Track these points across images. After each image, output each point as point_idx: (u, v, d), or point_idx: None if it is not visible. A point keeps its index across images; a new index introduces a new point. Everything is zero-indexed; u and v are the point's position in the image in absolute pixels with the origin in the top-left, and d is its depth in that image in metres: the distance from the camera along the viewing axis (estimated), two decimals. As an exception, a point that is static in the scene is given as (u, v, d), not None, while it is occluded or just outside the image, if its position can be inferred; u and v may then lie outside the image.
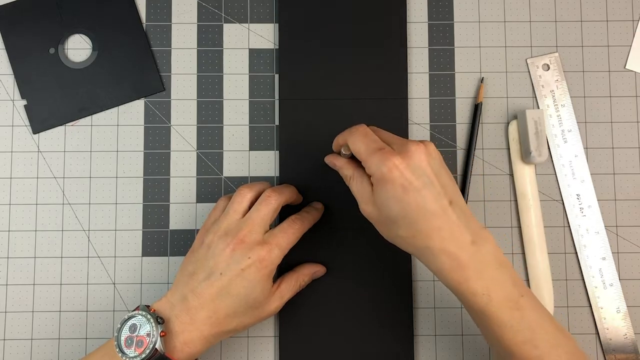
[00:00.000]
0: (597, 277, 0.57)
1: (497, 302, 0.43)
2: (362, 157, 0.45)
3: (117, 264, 0.57)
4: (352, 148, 0.47)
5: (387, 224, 0.45)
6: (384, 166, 0.43)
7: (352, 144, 0.46)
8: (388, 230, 0.46)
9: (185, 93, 0.59)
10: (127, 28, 0.59)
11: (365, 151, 0.45)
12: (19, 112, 0.59)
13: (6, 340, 0.56)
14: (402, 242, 0.45)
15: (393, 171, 0.43)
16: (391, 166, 0.43)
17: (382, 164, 0.43)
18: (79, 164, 0.58)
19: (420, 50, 0.60)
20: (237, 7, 0.60)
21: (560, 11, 0.60)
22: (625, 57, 0.60)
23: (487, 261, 0.43)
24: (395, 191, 0.43)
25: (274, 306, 0.50)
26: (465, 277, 0.43)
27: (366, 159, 0.45)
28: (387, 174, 0.43)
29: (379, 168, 0.44)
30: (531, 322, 0.43)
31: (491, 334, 0.44)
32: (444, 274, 0.44)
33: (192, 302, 0.47)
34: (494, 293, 0.43)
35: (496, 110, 0.59)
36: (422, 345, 0.56)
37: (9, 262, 0.57)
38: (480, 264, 0.43)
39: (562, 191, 0.58)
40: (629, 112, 0.59)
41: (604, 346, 0.56)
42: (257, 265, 0.47)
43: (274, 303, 0.50)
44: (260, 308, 0.49)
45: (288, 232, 0.50)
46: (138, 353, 0.44)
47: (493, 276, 0.43)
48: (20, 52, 0.59)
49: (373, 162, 0.44)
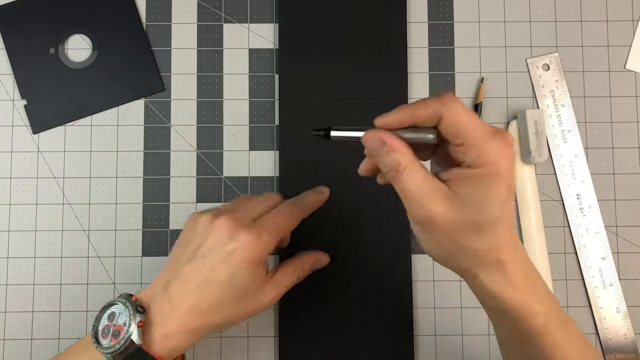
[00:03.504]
0: (597, 277, 0.57)
1: (553, 321, 0.38)
2: (475, 135, 0.33)
3: (117, 264, 0.57)
4: (455, 121, 0.34)
5: (465, 232, 0.35)
6: (506, 156, 0.33)
7: (458, 115, 0.34)
8: (456, 240, 0.35)
9: (185, 93, 0.59)
10: (127, 28, 0.59)
11: (482, 129, 0.34)
12: (18, 112, 0.59)
13: (6, 340, 0.56)
14: (465, 259, 0.36)
15: (509, 166, 0.34)
16: (509, 157, 0.33)
17: (504, 153, 0.33)
18: (78, 164, 0.58)
19: (420, 50, 0.60)
20: (237, 7, 0.60)
21: (560, 11, 0.60)
22: (625, 57, 0.60)
23: (531, 270, 0.38)
24: (502, 191, 0.34)
25: (268, 298, 0.44)
26: (523, 296, 0.37)
27: (480, 141, 0.33)
28: (506, 168, 0.33)
29: (500, 158, 0.33)
30: (576, 338, 0.39)
31: (536, 355, 0.38)
32: (508, 292, 0.37)
33: (175, 289, 0.42)
34: (550, 310, 0.38)
35: (496, 110, 0.59)
36: (422, 345, 0.56)
37: (9, 262, 0.57)
38: (529, 275, 0.38)
39: (562, 191, 0.58)
40: (629, 112, 0.59)
41: (603, 346, 0.56)
42: (244, 250, 0.41)
43: (269, 294, 0.44)
44: (251, 299, 0.43)
45: (281, 218, 0.44)
46: (112, 344, 0.40)
47: (543, 289, 0.38)
48: (20, 52, 0.59)
49: (492, 147, 0.33)
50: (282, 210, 0.45)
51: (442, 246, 0.36)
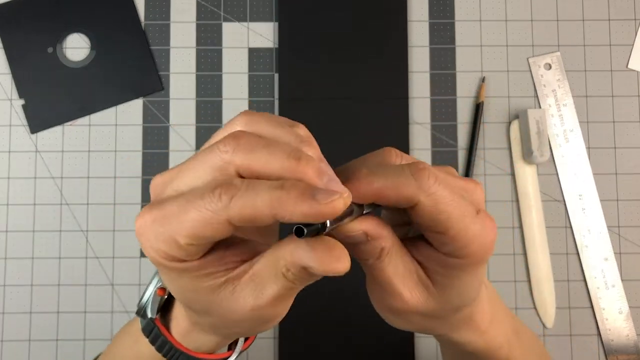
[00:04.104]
0: (599, 277, 0.57)
1: (513, 344, 0.36)
2: (459, 226, 0.26)
3: (116, 265, 0.57)
4: (436, 212, 0.26)
5: (442, 315, 0.31)
6: (490, 242, 0.28)
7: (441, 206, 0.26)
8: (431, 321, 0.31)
9: (184, 92, 0.59)
10: (125, 27, 0.59)
11: (465, 216, 0.27)
12: (16, 111, 0.58)
13: (4, 341, 0.56)
14: (439, 330, 0.33)
15: (493, 248, 0.28)
16: (494, 241, 0.28)
17: (487, 239, 0.27)
18: (77, 163, 0.58)
19: (421, 49, 0.59)
20: (237, 6, 0.59)
21: (562, 10, 0.60)
22: (627, 57, 0.59)
23: (492, 299, 0.35)
24: (481, 273, 0.29)
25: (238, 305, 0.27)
26: (490, 337, 0.34)
27: (463, 232, 0.27)
28: (488, 254, 0.28)
29: (483, 246, 0.27)
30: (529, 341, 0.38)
31: None
32: (476, 341, 0.34)
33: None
34: (509, 333, 0.36)
35: (497, 109, 0.59)
36: (422, 345, 0.56)
37: (7, 263, 0.57)
38: (493, 309, 0.35)
39: (563, 191, 0.58)
40: (631, 111, 0.59)
41: (605, 347, 0.56)
42: (145, 252, 0.26)
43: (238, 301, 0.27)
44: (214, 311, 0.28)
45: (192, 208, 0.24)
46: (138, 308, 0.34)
47: (502, 313, 0.36)
48: (18, 51, 0.58)
49: (475, 235, 0.27)
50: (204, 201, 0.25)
51: (415, 325, 0.32)
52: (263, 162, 0.24)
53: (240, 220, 0.24)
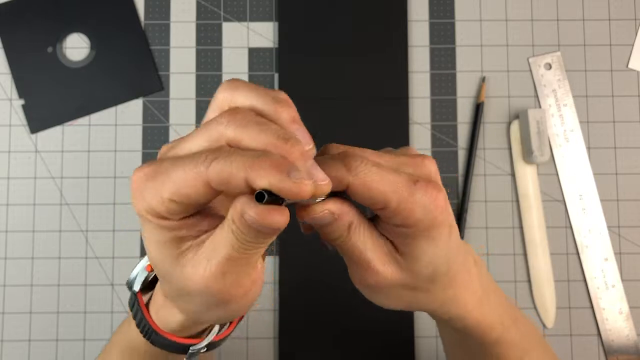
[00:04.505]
0: (600, 278, 0.57)
1: (507, 324, 0.37)
2: (394, 198, 0.28)
3: (116, 265, 0.57)
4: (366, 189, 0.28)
5: (418, 286, 0.32)
6: (435, 208, 0.29)
7: (368, 182, 0.28)
8: (410, 294, 0.32)
9: (184, 92, 0.58)
10: (125, 27, 0.59)
11: (399, 187, 0.28)
12: (16, 111, 0.58)
13: (4, 341, 0.56)
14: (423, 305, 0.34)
15: (443, 213, 0.29)
16: (440, 206, 0.29)
17: (431, 205, 0.28)
18: (76, 163, 0.58)
19: (421, 49, 0.59)
20: (237, 6, 0.59)
21: (562, 10, 0.60)
22: (627, 56, 0.59)
23: (485, 279, 0.36)
24: (443, 240, 0.30)
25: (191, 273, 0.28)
26: (482, 312, 0.35)
27: (402, 204, 0.28)
28: (438, 218, 0.29)
29: (428, 212, 0.28)
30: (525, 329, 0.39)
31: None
32: (464, 318, 0.35)
33: None
34: (503, 316, 0.37)
35: (498, 109, 0.59)
36: (422, 345, 0.56)
37: (7, 263, 0.57)
38: (484, 289, 0.36)
39: (564, 191, 0.58)
40: (631, 111, 0.59)
41: (606, 347, 0.56)
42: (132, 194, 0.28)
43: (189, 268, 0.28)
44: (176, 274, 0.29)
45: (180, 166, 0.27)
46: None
47: (495, 296, 0.37)
48: (18, 51, 0.58)
49: (417, 203, 0.28)
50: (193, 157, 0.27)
51: (396, 300, 0.33)
52: (253, 137, 0.26)
53: (217, 181, 0.26)
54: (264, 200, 0.25)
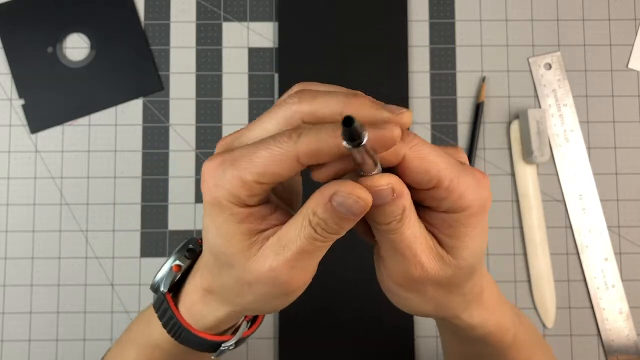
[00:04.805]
0: (600, 277, 0.57)
1: (518, 327, 0.36)
2: (448, 176, 0.27)
3: (115, 265, 0.57)
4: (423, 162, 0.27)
5: (456, 282, 0.31)
6: (483, 189, 0.28)
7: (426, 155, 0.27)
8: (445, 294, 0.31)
9: (184, 92, 0.58)
10: (125, 27, 0.59)
11: (452, 166, 0.28)
12: (16, 111, 0.58)
13: (4, 341, 0.56)
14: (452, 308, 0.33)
15: (490, 198, 0.29)
16: (488, 189, 0.29)
17: (479, 187, 0.28)
18: (76, 163, 0.58)
19: (421, 49, 0.59)
20: (237, 6, 0.59)
21: (562, 10, 0.60)
22: (627, 56, 0.59)
23: (494, 284, 0.36)
24: (486, 228, 0.30)
25: (258, 265, 0.29)
26: (497, 318, 0.34)
27: (455, 182, 0.27)
28: (487, 203, 0.29)
29: (477, 194, 0.28)
30: (527, 327, 0.39)
31: None
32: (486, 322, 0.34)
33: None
34: (513, 317, 0.36)
35: (498, 109, 0.59)
36: (422, 345, 0.56)
37: (7, 263, 0.57)
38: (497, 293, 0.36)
39: (564, 191, 0.58)
40: (631, 111, 0.59)
41: (606, 347, 0.56)
42: (204, 188, 0.28)
43: (259, 261, 0.29)
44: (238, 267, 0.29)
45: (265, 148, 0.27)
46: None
47: (503, 299, 0.36)
48: (18, 51, 0.58)
49: (468, 184, 0.28)
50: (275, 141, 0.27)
51: (428, 302, 0.31)
52: (325, 105, 0.27)
53: (307, 154, 0.26)
54: (353, 124, 0.23)
